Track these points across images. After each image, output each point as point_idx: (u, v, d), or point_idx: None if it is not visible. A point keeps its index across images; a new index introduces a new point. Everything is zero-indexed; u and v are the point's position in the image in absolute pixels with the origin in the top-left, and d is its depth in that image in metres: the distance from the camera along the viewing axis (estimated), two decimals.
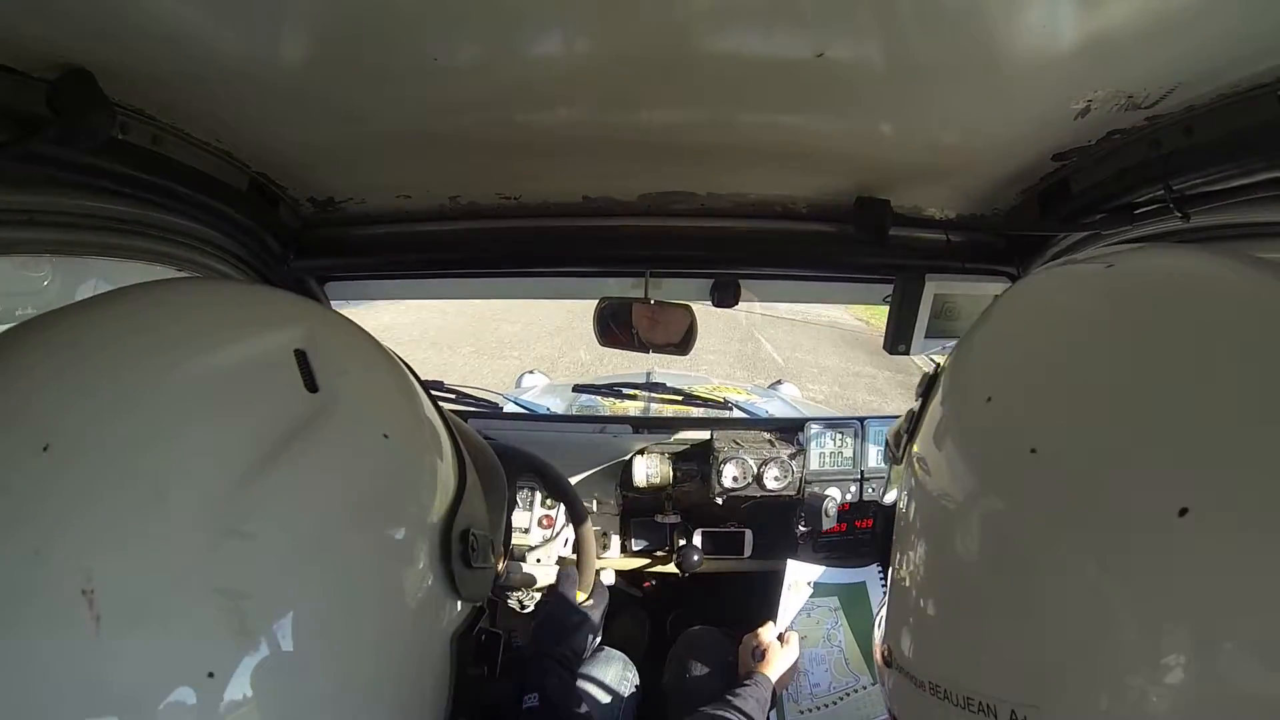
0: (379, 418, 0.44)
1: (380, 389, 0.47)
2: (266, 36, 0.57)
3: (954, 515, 0.44)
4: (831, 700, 1.28)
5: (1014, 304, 0.52)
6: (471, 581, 0.46)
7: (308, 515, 0.37)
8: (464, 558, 0.45)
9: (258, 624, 0.34)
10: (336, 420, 0.40)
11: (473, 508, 0.48)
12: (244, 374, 0.39)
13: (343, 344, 0.47)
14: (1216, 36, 0.53)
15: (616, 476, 1.56)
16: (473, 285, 1.37)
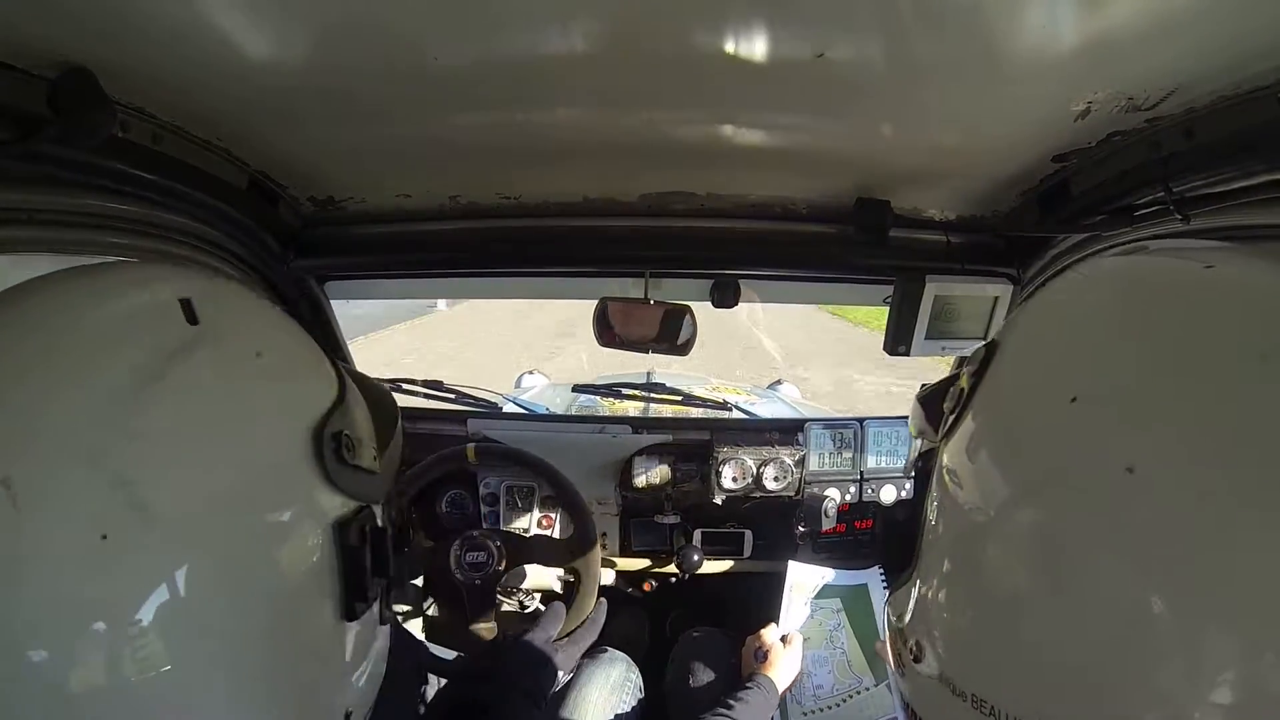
0: (253, 341, 0.51)
1: (258, 323, 0.55)
2: (267, 35, 0.57)
3: (1019, 524, 0.43)
4: (835, 702, 1.28)
5: (1091, 302, 0.49)
6: (348, 477, 0.52)
7: (189, 416, 0.44)
8: (336, 454, 0.51)
9: (145, 499, 0.41)
10: (214, 343, 0.48)
11: (350, 419, 0.55)
12: (137, 311, 0.47)
13: (227, 295, 0.54)
14: (1217, 38, 0.53)
15: (616, 477, 1.56)
16: (472, 285, 1.37)
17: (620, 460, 1.55)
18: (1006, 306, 1.06)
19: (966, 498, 0.47)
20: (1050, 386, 0.44)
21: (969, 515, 0.47)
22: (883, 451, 1.56)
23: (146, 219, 0.83)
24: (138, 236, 0.83)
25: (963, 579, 0.48)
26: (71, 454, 0.40)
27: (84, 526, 0.39)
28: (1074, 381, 0.43)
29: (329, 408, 0.53)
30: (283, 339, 0.55)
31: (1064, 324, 0.49)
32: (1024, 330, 0.52)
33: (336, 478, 0.51)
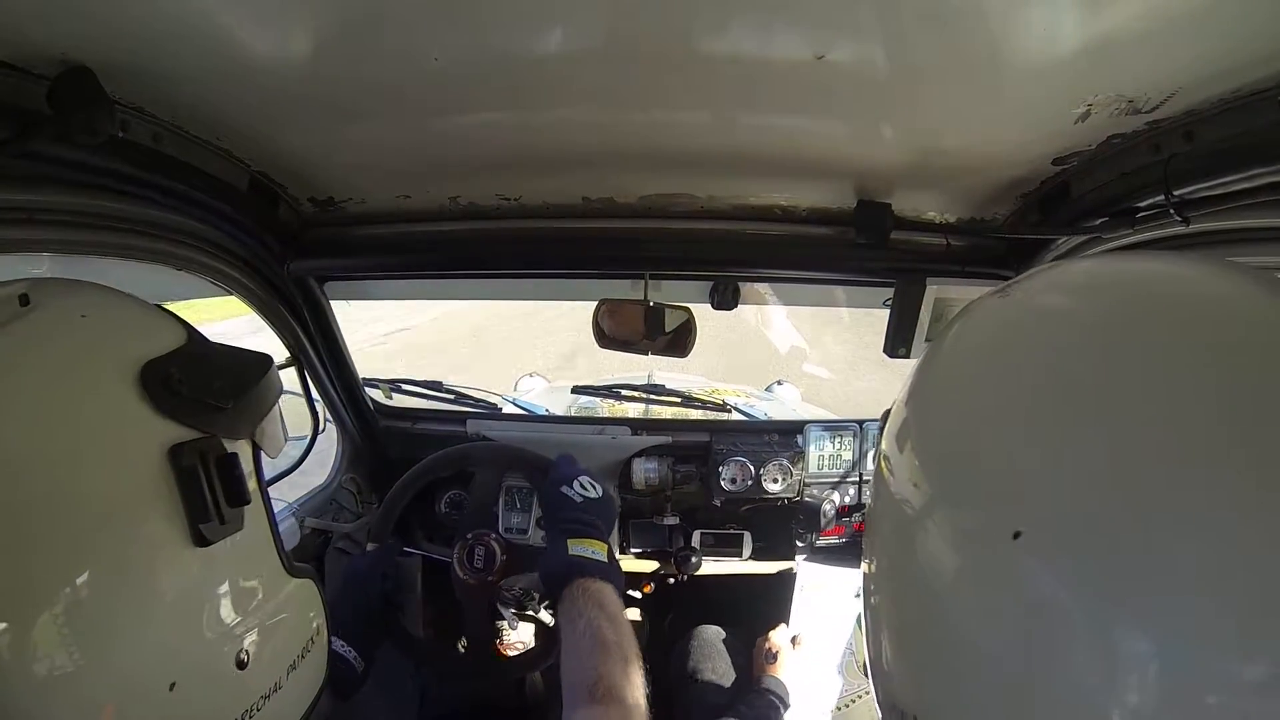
0: (79, 307, 0.54)
1: (88, 295, 0.57)
2: (268, 35, 0.57)
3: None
4: (844, 703, 1.28)
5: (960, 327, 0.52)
6: (176, 405, 0.54)
7: (12, 371, 0.48)
8: (164, 383, 0.53)
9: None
10: (40, 312, 0.51)
11: (190, 360, 0.57)
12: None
13: (67, 287, 0.57)
14: (1217, 41, 0.53)
15: (615, 478, 1.56)
16: (472, 286, 1.37)
17: (620, 462, 1.55)
18: None
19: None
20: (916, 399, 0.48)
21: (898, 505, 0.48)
22: None
23: (146, 219, 0.83)
24: (137, 236, 0.83)
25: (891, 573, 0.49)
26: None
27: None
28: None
29: (165, 353, 0.56)
30: (115, 304, 0.59)
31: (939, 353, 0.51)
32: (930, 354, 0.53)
33: (164, 406, 0.53)
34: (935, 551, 0.41)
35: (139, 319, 0.60)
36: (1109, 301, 0.42)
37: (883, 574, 0.47)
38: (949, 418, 0.45)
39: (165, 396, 0.53)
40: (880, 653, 0.47)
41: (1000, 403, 0.41)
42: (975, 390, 0.44)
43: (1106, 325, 0.40)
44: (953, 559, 0.40)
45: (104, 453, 0.50)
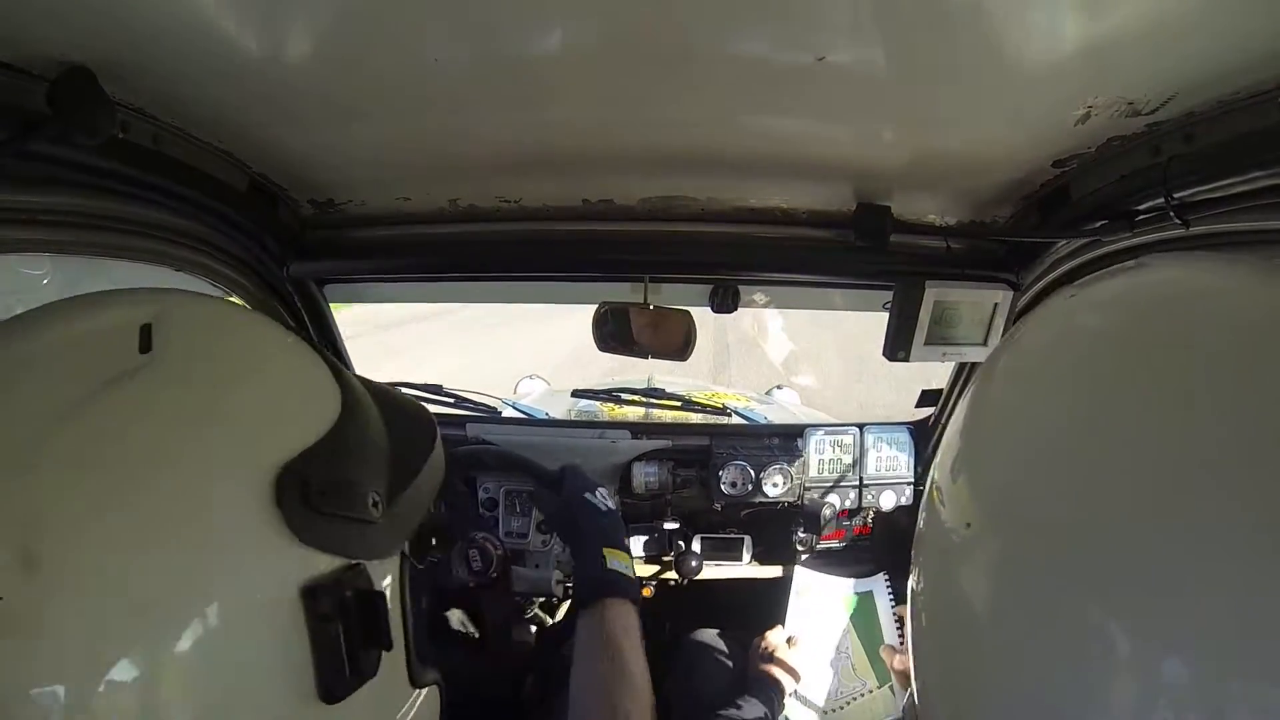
0: (211, 368, 0.45)
1: (227, 342, 0.49)
2: (268, 36, 0.57)
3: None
4: (839, 705, 1.28)
5: (987, 391, 0.52)
6: (319, 527, 0.44)
7: (109, 450, 0.38)
8: (305, 500, 0.43)
9: (42, 555, 0.35)
10: (158, 370, 0.42)
11: (340, 458, 0.47)
12: (84, 340, 0.44)
13: (197, 315, 0.49)
14: (1217, 43, 0.53)
15: (615, 482, 1.55)
16: (471, 289, 1.37)
17: (620, 466, 1.54)
18: (1006, 312, 1.06)
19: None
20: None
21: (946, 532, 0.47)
22: (883, 457, 1.56)
23: (146, 219, 0.83)
24: (137, 237, 0.83)
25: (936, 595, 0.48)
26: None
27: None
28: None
29: (308, 445, 0.45)
30: (256, 363, 0.49)
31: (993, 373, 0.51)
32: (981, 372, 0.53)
33: (303, 531, 0.43)
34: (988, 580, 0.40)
35: (283, 384, 0.49)
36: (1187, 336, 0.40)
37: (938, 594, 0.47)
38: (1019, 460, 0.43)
39: (304, 516, 0.43)
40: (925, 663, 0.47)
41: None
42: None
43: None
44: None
45: (221, 592, 0.39)
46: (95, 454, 0.38)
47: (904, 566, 0.55)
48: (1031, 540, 0.38)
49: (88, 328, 0.45)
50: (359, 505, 0.47)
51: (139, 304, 0.47)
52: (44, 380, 0.40)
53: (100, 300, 0.49)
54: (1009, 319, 1.06)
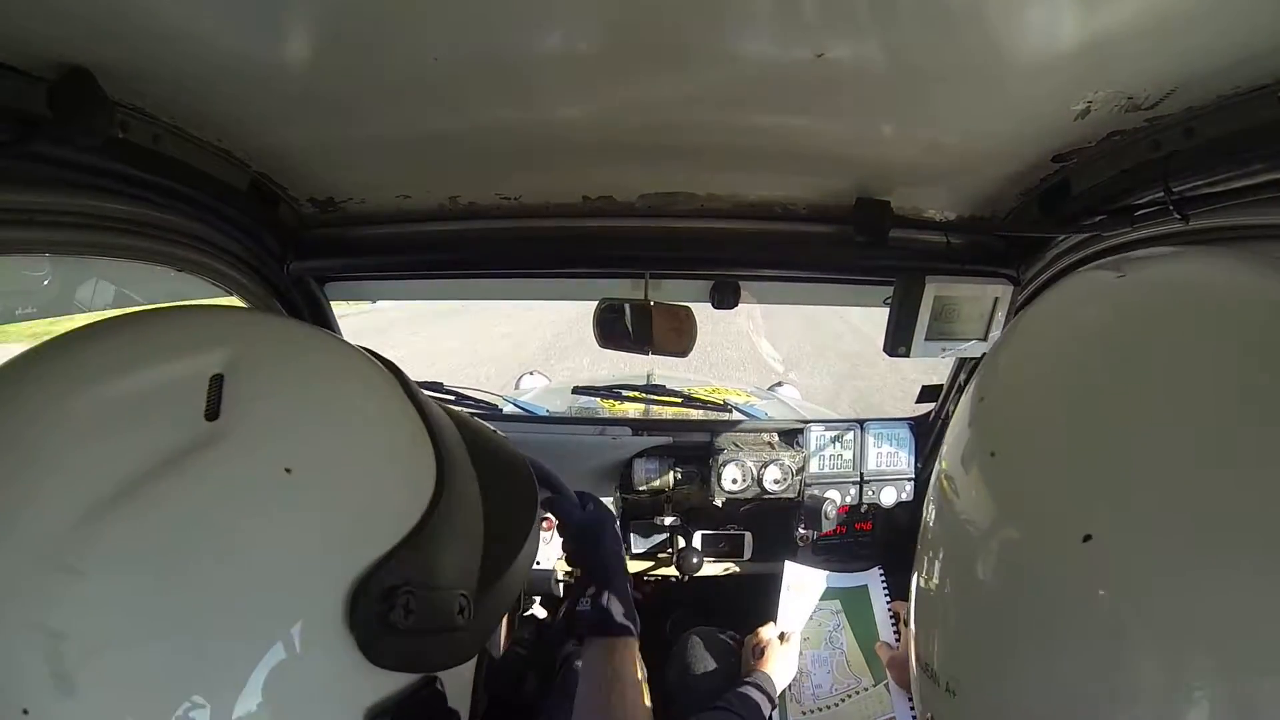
0: (285, 449, 0.38)
1: (303, 414, 0.41)
2: (267, 35, 0.57)
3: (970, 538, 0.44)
4: (833, 702, 1.28)
5: (1031, 318, 0.51)
6: (397, 648, 0.38)
7: (155, 557, 0.33)
8: (382, 619, 0.37)
9: (76, 668, 0.31)
10: (225, 450, 0.36)
11: (429, 557, 0.41)
12: (147, 400, 0.37)
13: (275, 367, 0.42)
14: (1216, 37, 0.53)
15: (616, 479, 1.56)
16: (472, 286, 1.37)
17: (620, 462, 1.55)
18: (1006, 307, 1.06)
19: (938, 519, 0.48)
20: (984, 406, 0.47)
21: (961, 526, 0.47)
22: (883, 453, 1.56)
23: (146, 219, 0.83)
24: (137, 237, 0.83)
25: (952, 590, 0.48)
26: (2, 586, 0.31)
27: (8, 686, 0.31)
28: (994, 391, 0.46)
29: (394, 545, 0.39)
30: (342, 435, 0.41)
31: (1007, 353, 0.51)
32: (985, 361, 0.53)
33: (375, 651, 0.37)
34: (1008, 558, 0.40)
35: (373, 464, 0.42)
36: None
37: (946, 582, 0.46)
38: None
39: (380, 638, 0.37)
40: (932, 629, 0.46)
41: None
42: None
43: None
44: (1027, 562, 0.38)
45: (268, 697, 0.34)
46: (145, 557, 0.33)
47: (905, 562, 0.55)
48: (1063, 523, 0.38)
49: (149, 378, 0.38)
50: (445, 616, 0.41)
51: (209, 344, 0.40)
52: (95, 448, 0.35)
53: (163, 332, 0.42)
54: (1009, 313, 1.07)
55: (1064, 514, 0.37)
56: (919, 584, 0.49)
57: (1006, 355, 0.51)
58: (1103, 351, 0.42)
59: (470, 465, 0.49)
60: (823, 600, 1.43)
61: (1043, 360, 0.46)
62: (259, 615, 0.35)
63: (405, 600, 0.38)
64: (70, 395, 0.36)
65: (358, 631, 0.37)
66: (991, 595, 0.41)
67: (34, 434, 0.35)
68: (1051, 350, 0.46)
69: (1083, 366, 0.42)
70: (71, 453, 0.34)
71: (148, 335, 0.42)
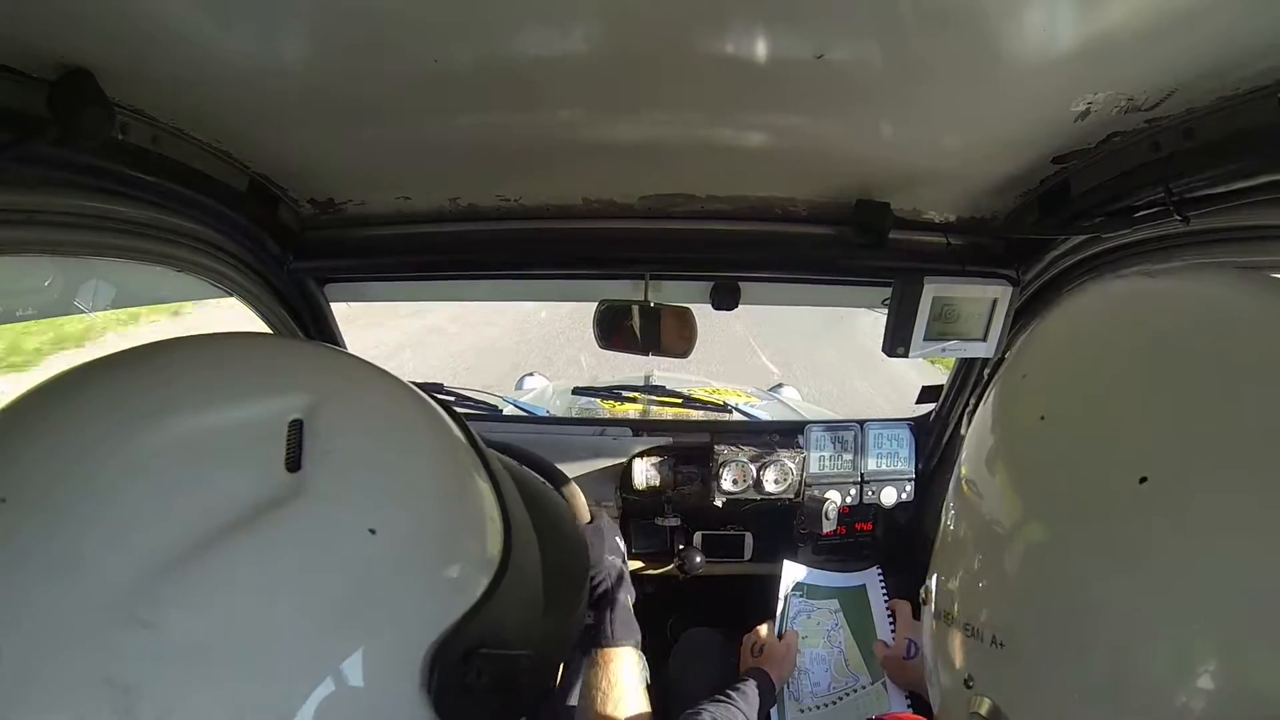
0: (368, 508, 0.37)
1: (385, 473, 0.40)
2: (267, 38, 0.57)
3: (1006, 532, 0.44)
4: (831, 700, 1.29)
5: (1063, 322, 0.52)
6: (471, 707, 0.38)
7: (231, 614, 0.32)
8: (459, 682, 0.37)
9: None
10: (307, 507, 0.35)
11: (500, 618, 0.41)
12: (226, 443, 0.36)
13: (354, 414, 0.41)
14: (1216, 39, 0.53)
15: (616, 479, 1.56)
16: (472, 287, 1.37)
17: (620, 463, 1.55)
18: (1006, 308, 1.06)
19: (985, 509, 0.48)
20: (1022, 411, 0.47)
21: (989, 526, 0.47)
22: (883, 454, 1.56)
23: (146, 220, 0.83)
24: (137, 238, 0.83)
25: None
26: (72, 637, 0.30)
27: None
28: (1039, 405, 0.46)
29: (468, 609, 0.39)
30: (416, 504, 0.40)
31: (1039, 355, 0.51)
32: (1011, 363, 0.53)
33: (452, 714, 0.37)
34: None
35: (450, 526, 0.41)
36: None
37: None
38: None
39: (454, 699, 0.37)
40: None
41: None
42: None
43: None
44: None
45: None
46: (222, 615, 0.32)
47: (905, 562, 0.55)
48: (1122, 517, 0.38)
49: (228, 419, 0.36)
50: (514, 674, 0.41)
51: (286, 386, 0.39)
52: (173, 495, 0.33)
53: (238, 367, 0.40)
54: (1008, 314, 1.07)
55: (1120, 459, 0.38)
56: (951, 545, 0.50)
57: (1047, 339, 0.51)
58: (1143, 330, 0.44)
59: (530, 527, 0.49)
60: (821, 599, 1.44)
61: (1089, 338, 0.48)
62: (337, 686, 0.34)
63: (479, 664, 0.38)
64: (145, 432, 0.35)
65: (434, 696, 0.36)
66: (1045, 545, 0.41)
67: (109, 474, 0.33)
68: (1094, 329, 0.48)
69: (1129, 344, 0.43)
70: (147, 499, 0.33)
71: (222, 368, 0.40)
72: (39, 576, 0.31)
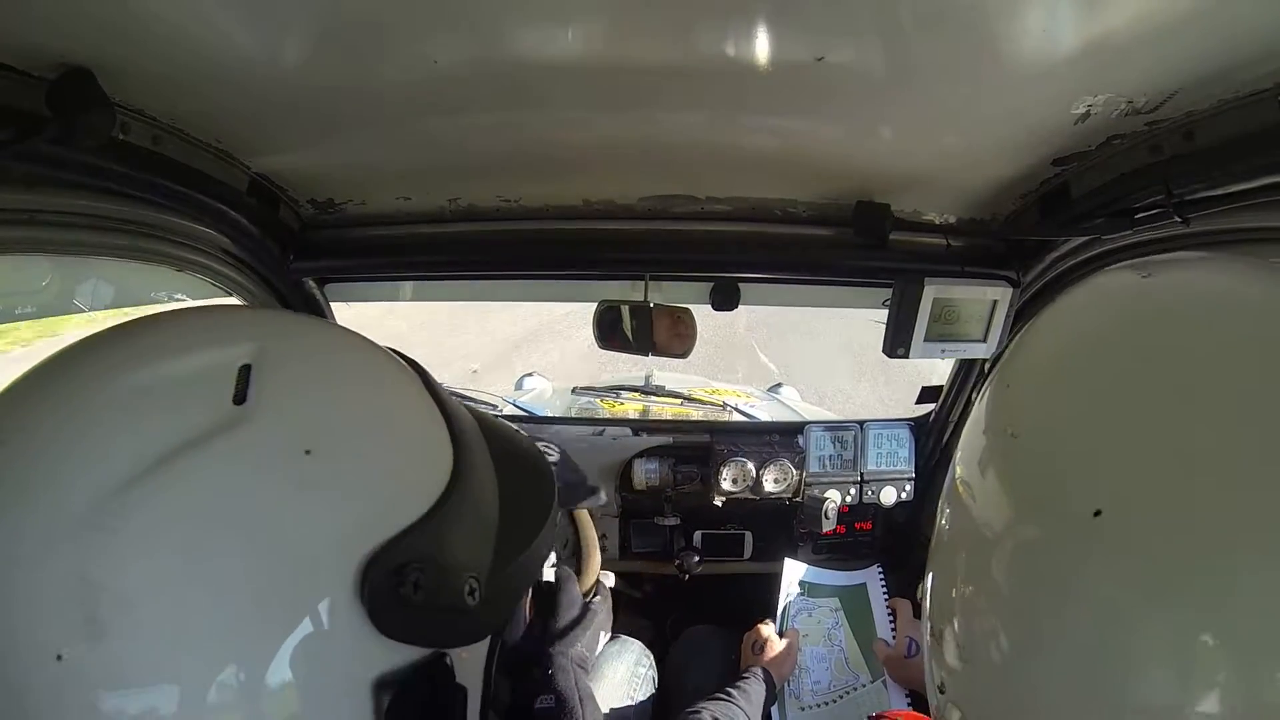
0: (305, 432, 0.41)
1: (324, 403, 0.44)
2: (268, 38, 0.57)
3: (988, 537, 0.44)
4: (832, 698, 1.29)
5: (1057, 311, 0.52)
6: (406, 621, 0.40)
7: (184, 520, 0.36)
8: (392, 594, 0.39)
9: (109, 616, 0.34)
10: (249, 431, 0.39)
11: (442, 537, 0.43)
12: (181, 385, 0.41)
13: (300, 359, 0.45)
14: (1216, 41, 0.53)
15: (616, 479, 1.56)
16: (472, 287, 1.37)
17: (620, 462, 1.55)
18: (1006, 309, 1.06)
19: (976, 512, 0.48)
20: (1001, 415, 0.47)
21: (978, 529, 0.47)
22: (883, 453, 1.57)
23: (146, 220, 0.83)
24: (138, 238, 0.83)
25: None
26: (49, 540, 0.35)
27: (43, 630, 0.34)
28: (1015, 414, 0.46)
29: (407, 524, 0.41)
30: (362, 421, 0.44)
31: (1022, 358, 0.51)
32: (1004, 360, 0.53)
33: (385, 623, 0.40)
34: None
35: (391, 448, 0.45)
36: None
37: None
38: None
39: (389, 611, 0.40)
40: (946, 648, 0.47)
41: None
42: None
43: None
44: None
45: (286, 678, 0.37)
46: (174, 526, 0.36)
47: (905, 561, 0.55)
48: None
49: (183, 365, 0.42)
50: (454, 595, 0.43)
51: (238, 338, 0.43)
52: (133, 423, 0.38)
53: (198, 326, 0.46)
54: (1009, 316, 1.07)
55: (1075, 491, 0.38)
56: (935, 547, 0.50)
57: (1032, 345, 0.51)
58: (1125, 346, 0.43)
59: (487, 456, 0.51)
60: (822, 598, 1.44)
61: (1065, 352, 0.47)
62: (277, 585, 0.38)
63: (415, 576, 0.40)
64: (113, 376, 0.40)
65: (368, 603, 0.39)
66: (1005, 571, 0.41)
67: (79, 404, 0.39)
68: (1075, 342, 0.47)
69: (1103, 360, 0.43)
70: (111, 426, 0.38)
71: (184, 329, 0.45)
72: (17, 495, 0.36)
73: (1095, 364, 0.44)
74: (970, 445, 0.49)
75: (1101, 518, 0.36)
